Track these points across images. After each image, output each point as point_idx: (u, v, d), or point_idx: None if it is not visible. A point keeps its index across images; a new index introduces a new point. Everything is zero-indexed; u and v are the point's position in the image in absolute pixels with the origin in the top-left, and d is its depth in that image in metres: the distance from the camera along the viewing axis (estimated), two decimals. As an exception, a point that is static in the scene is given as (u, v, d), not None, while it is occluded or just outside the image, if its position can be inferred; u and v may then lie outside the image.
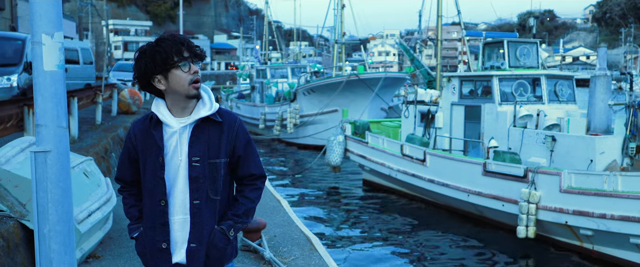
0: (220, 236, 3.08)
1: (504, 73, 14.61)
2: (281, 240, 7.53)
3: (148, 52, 3.02)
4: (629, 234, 10.41)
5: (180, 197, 3.07)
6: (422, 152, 15.44)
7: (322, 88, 27.94)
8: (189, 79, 3.01)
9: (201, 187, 3.05)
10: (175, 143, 3.07)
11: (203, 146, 3.05)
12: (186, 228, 3.07)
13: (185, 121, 3.07)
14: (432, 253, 12.29)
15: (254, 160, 3.21)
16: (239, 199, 3.18)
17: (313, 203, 16.83)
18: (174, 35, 3.07)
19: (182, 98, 3.05)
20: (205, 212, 3.06)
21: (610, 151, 12.07)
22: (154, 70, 3.01)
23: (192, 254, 3.05)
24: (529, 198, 11.92)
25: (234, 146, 3.13)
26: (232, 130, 3.13)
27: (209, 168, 3.05)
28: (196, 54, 3.05)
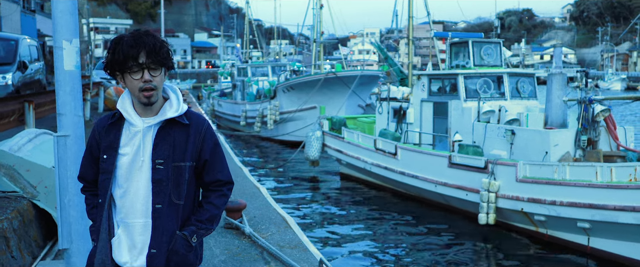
0: (182, 242, 2.99)
1: (468, 71, 15.63)
2: (260, 220, 8.48)
3: (112, 48, 2.92)
4: (576, 218, 11.46)
5: (141, 200, 2.96)
6: (393, 146, 16.44)
7: (301, 86, 28.86)
8: (139, 86, 2.89)
9: (164, 191, 2.94)
10: (138, 143, 2.97)
11: (168, 149, 2.96)
12: (147, 232, 2.97)
13: (150, 121, 2.97)
14: (400, 238, 13.29)
15: (221, 165, 3.12)
16: (203, 205, 3.09)
17: (292, 194, 17.78)
18: (138, 35, 2.92)
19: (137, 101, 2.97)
20: (166, 216, 2.96)
21: (564, 143, 13.10)
22: (113, 67, 2.93)
23: (152, 259, 2.95)
24: (489, 187, 12.94)
25: (201, 150, 3.04)
26: (199, 134, 3.03)
27: (172, 171, 2.96)
28: (156, 60, 2.91)
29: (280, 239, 7.52)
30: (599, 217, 11.01)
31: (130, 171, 2.96)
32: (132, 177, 2.96)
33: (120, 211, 2.99)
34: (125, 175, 2.96)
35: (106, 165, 2.97)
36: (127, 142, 2.97)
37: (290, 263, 6.44)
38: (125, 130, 2.99)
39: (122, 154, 2.97)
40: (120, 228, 3.00)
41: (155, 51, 2.89)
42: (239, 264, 6.55)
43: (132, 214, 2.97)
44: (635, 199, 10.35)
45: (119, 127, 3.00)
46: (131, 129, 2.98)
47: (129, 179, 2.96)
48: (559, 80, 13.90)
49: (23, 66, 14.98)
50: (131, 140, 2.97)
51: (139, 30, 3.00)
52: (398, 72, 19.91)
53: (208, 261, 6.65)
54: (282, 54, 65.45)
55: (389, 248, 12.60)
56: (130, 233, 2.98)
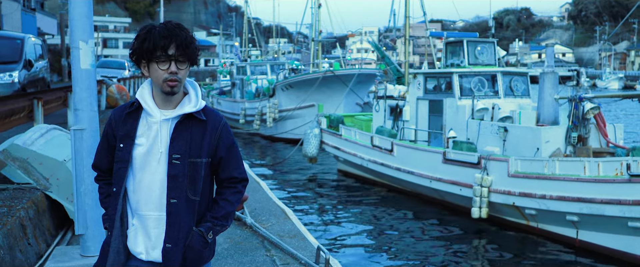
0: (198, 238, 3.01)
1: (463, 70, 16.04)
2: (260, 211, 8.88)
3: (141, 36, 2.94)
4: (565, 212, 11.88)
5: (156, 192, 2.98)
6: (389, 143, 16.84)
7: (299, 84, 29.24)
8: (164, 77, 2.91)
9: (180, 186, 2.96)
10: (154, 134, 2.98)
11: (185, 144, 2.97)
12: (162, 226, 2.98)
13: (168, 114, 2.99)
14: (396, 231, 13.69)
15: (236, 163, 3.14)
16: (219, 202, 3.11)
17: (290, 189, 18.18)
18: (170, 26, 2.96)
19: (159, 90, 2.98)
20: (183, 212, 2.97)
21: (555, 140, 13.51)
22: (140, 55, 2.95)
23: (168, 254, 2.96)
24: (481, 182, 13.35)
25: (217, 147, 3.06)
26: (216, 131, 3.05)
27: (189, 167, 2.97)
28: (185, 54, 2.94)
29: (280, 229, 7.92)
30: (587, 211, 11.42)
31: (146, 162, 2.97)
32: (148, 168, 2.97)
33: (134, 202, 3.01)
34: (140, 165, 2.98)
35: (122, 154, 2.99)
36: (144, 133, 2.99)
37: (289, 251, 6.84)
38: (142, 120, 3.01)
39: (138, 144, 2.98)
40: (135, 218, 3.02)
41: (185, 45, 2.92)
42: (241, 252, 6.96)
43: (146, 206, 2.98)
44: (621, 193, 10.76)
45: (136, 117, 3.01)
46: (149, 120, 2.99)
47: (144, 170, 2.97)
48: (551, 79, 14.29)
49: (29, 64, 15.35)
50: (148, 130, 2.99)
51: (171, 21, 3.02)
52: (395, 71, 20.30)
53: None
54: (281, 53, 65.81)
55: (384, 240, 13.01)
56: (144, 225, 3.00)
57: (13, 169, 7.31)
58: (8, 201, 6.49)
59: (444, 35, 18.65)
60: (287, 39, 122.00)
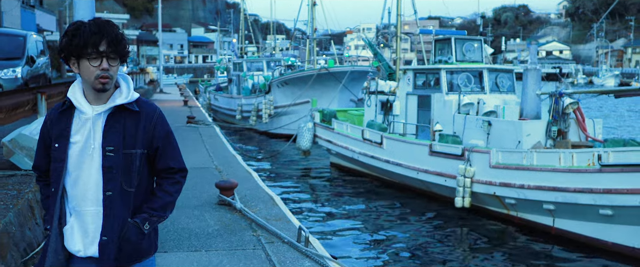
0: (134, 230, 3.01)
1: (450, 67, 16.65)
2: (250, 198, 9.49)
3: (71, 32, 2.91)
4: (542, 200, 12.49)
5: (93, 187, 2.97)
6: (379, 136, 17.46)
7: (295, 81, 29.83)
8: (96, 74, 2.90)
9: (114, 178, 2.95)
10: (88, 130, 2.97)
11: (118, 136, 2.97)
12: (99, 220, 2.98)
13: (99, 109, 2.98)
14: (382, 220, 14.30)
15: (172, 153, 3.15)
16: (157, 193, 3.12)
17: (283, 181, 18.80)
18: (100, 23, 2.95)
19: (90, 87, 2.97)
20: (118, 204, 2.97)
21: (535, 133, 14.11)
22: (70, 52, 2.93)
23: (104, 247, 2.96)
24: (465, 173, 13.96)
25: (152, 137, 3.06)
26: (150, 121, 3.06)
27: (123, 159, 2.97)
28: (116, 50, 2.94)
29: (267, 213, 8.53)
30: (562, 199, 12.04)
31: (81, 158, 2.97)
32: (83, 165, 2.97)
33: (72, 199, 3.00)
34: (76, 163, 2.97)
35: (58, 153, 2.98)
36: (78, 130, 2.98)
37: (274, 231, 7.46)
38: (75, 118, 3.00)
39: (73, 142, 2.97)
40: (72, 216, 3.01)
41: (116, 41, 2.92)
42: (230, 232, 7.57)
43: (84, 202, 2.97)
44: (592, 182, 11.37)
45: (69, 116, 3.00)
46: (81, 117, 2.99)
47: (80, 167, 2.97)
48: (534, 76, 14.88)
49: (31, 61, 15.92)
50: (81, 128, 2.98)
51: (100, 18, 3.02)
52: (386, 67, 20.91)
53: (203, 230, 7.66)
54: (279, 49, 66.34)
55: (369, 227, 13.61)
56: (82, 221, 2.99)
57: (21, 157, 7.93)
58: (17, 185, 7.10)
59: (433, 33, 19.25)
60: (285, 36, 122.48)
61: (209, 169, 12.30)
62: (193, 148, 15.38)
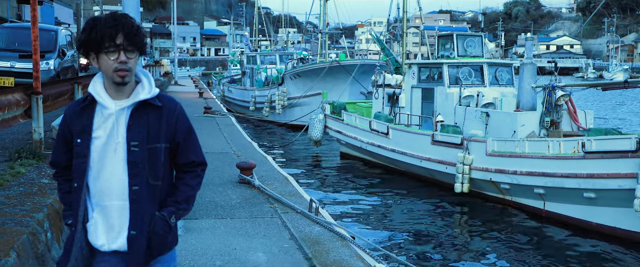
0: (161, 223, 3.05)
1: (452, 61, 17.75)
2: (266, 178, 10.67)
3: (88, 28, 2.92)
4: (533, 185, 13.60)
5: (117, 182, 2.98)
6: (385, 127, 18.60)
7: (307, 73, 31.00)
8: (114, 67, 2.89)
9: (140, 173, 2.97)
10: (111, 125, 2.97)
11: (142, 131, 2.98)
12: (125, 214, 2.99)
13: (123, 104, 2.98)
14: (387, 203, 15.45)
15: (194, 147, 3.18)
16: (179, 186, 3.16)
17: (295, 168, 19.98)
18: (118, 17, 2.95)
19: (111, 81, 2.96)
20: (145, 198, 2.99)
21: (530, 123, 15.21)
22: (88, 47, 2.93)
23: (133, 241, 2.98)
24: (463, 161, 15.07)
25: (175, 132, 3.08)
26: (172, 116, 3.07)
27: (148, 153, 2.99)
28: (133, 43, 2.94)
29: (282, 190, 9.71)
30: (551, 184, 13.14)
31: (104, 153, 2.97)
32: (106, 160, 2.97)
33: (95, 194, 3.01)
34: (99, 158, 2.98)
35: (80, 149, 2.99)
36: (100, 125, 2.98)
37: (288, 203, 8.64)
38: (97, 113, 2.99)
39: (95, 137, 2.97)
40: (95, 211, 3.02)
41: (133, 34, 2.92)
42: (250, 204, 8.76)
43: (108, 196, 2.98)
44: (577, 167, 12.47)
45: (91, 111, 2.99)
46: (103, 112, 2.98)
47: (103, 162, 2.98)
48: (530, 70, 15.95)
49: (62, 54, 17.18)
50: (104, 123, 2.97)
51: (117, 12, 3.04)
52: (393, 61, 22.03)
53: (227, 202, 8.85)
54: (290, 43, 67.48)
55: (375, 209, 14.77)
56: (106, 215, 3.00)
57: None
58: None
59: (436, 29, 20.31)
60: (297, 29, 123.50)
61: (229, 154, 13.51)
62: (212, 136, 16.58)
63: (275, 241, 7.12)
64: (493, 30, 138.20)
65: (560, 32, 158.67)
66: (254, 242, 7.06)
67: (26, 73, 15.80)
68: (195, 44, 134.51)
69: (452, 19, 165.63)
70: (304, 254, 6.66)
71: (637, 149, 11.43)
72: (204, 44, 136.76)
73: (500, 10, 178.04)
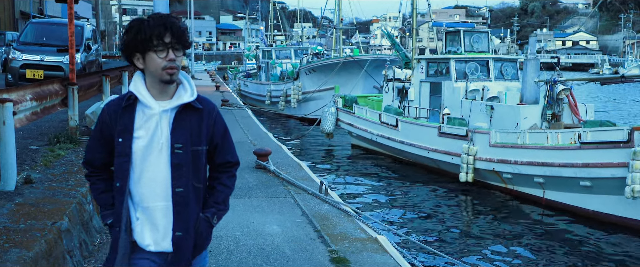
0: (205, 224, 3.11)
1: (459, 56, 18.51)
2: (281, 164, 11.53)
3: (134, 28, 2.94)
4: (533, 174, 14.36)
5: (160, 184, 3.00)
6: (395, 120, 19.40)
7: (321, 68, 31.81)
8: (163, 65, 2.91)
9: (184, 175, 3.00)
10: (154, 126, 2.98)
11: (186, 133, 3.00)
12: (169, 216, 3.01)
13: (166, 105, 2.99)
14: (395, 192, 16.26)
15: (229, 147, 3.22)
16: (216, 187, 3.19)
17: (308, 159, 20.81)
18: (164, 16, 2.98)
19: (157, 81, 2.97)
20: (190, 200, 3.03)
21: (532, 116, 15.95)
22: (134, 48, 2.95)
23: (179, 242, 3.02)
24: (468, 151, 15.84)
25: (213, 134, 3.12)
26: (211, 118, 3.10)
27: (191, 156, 3.02)
28: (180, 41, 2.95)
29: (295, 175, 10.57)
30: (549, 173, 13.90)
31: (146, 154, 2.99)
32: (148, 160, 2.99)
33: (137, 195, 3.03)
34: (141, 158, 2.99)
35: (122, 148, 2.99)
36: (142, 125, 2.99)
37: (301, 186, 9.49)
38: (139, 112, 3.00)
39: (137, 137, 2.98)
40: (139, 212, 3.05)
41: (180, 33, 2.95)
42: (266, 187, 9.63)
43: (151, 197, 3.01)
44: (573, 157, 13.22)
45: (132, 110, 3.00)
46: (146, 112, 2.99)
47: (145, 163, 2.99)
48: (533, 65, 16.66)
49: (88, 48, 18.12)
50: (146, 123, 2.99)
51: (160, 13, 3.07)
52: (403, 57, 22.80)
53: (245, 184, 9.71)
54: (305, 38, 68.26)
55: (383, 195, 15.57)
56: (151, 217, 3.03)
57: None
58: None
59: (443, 26, 21.08)
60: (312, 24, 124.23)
61: (246, 143, 14.38)
62: (230, 127, 17.01)
63: (288, 217, 7.98)
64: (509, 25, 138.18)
65: (576, 27, 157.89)
66: (269, 217, 7.92)
67: (54, 66, 16.83)
68: (211, 39, 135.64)
69: (467, 14, 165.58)
70: (314, 227, 7.51)
71: (629, 139, 12.16)
72: (219, 39, 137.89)
73: (516, 6, 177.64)
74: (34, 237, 4.79)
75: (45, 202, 5.94)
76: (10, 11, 40.44)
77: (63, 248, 5.27)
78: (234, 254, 6.47)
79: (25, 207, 5.69)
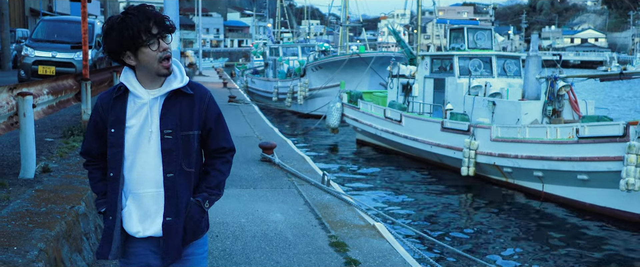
0: (196, 208, 3.11)
1: (462, 53, 18.85)
2: (285, 158, 11.93)
3: (116, 27, 2.90)
4: (532, 168, 14.70)
5: (151, 170, 3.04)
6: (399, 115, 19.77)
7: (328, 65, 32.18)
8: (158, 57, 2.94)
9: (174, 160, 3.02)
10: (145, 114, 3.02)
11: (175, 118, 3.02)
12: (160, 201, 3.05)
13: (156, 93, 3.02)
14: (398, 185, 16.63)
15: (224, 133, 3.22)
16: (210, 172, 3.19)
17: (313, 153, 21.22)
18: (140, 8, 2.95)
19: (152, 74, 2.99)
20: (180, 185, 3.05)
21: (532, 112, 16.28)
22: (123, 46, 2.93)
23: (169, 227, 3.04)
24: (470, 146, 16.19)
25: (205, 119, 3.12)
26: (203, 103, 3.10)
27: (182, 140, 3.03)
28: (165, 28, 2.94)
29: (299, 167, 10.98)
30: (548, 167, 14.24)
31: (138, 142, 3.03)
32: (140, 148, 3.03)
33: (129, 183, 3.07)
34: (133, 147, 3.04)
35: (115, 138, 3.03)
36: (133, 115, 3.03)
37: (304, 177, 9.88)
38: (130, 103, 3.03)
39: (129, 126, 3.02)
40: (129, 199, 3.09)
41: (162, 20, 2.94)
42: (271, 178, 10.04)
43: (142, 184, 3.05)
44: (571, 152, 13.56)
45: (123, 101, 3.03)
46: (136, 102, 3.02)
47: (137, 150, 3.03)
48: (535, 62, 16.99)
49: (98, 45, 18.55)
50: (137, 112, 3.02)
51: (132, 5, 3.02)
52: (408, 53, 23.15)
53: (251, 176, 10.11)
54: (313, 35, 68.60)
55: (385, 188, 15.94)
56: (140, 203, 3.07)
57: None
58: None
59: (447, 22, 21.42)
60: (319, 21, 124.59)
61: (252, 137, 14.79)
62: (237, 122, 17.88)
63: (291, 205, 8.38)
64: (517, 22, 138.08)
65: (585, 25, 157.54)
66: (273, 206, 8.33)
67: (65, 63, 17.29)
68: (219, 36, 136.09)
69: (476, 11, 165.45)
70: (315, 215, 7.91)
71: (624, 134, 12.50)
72: (227, 36, 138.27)
73: (524, 3, 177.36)
74: (55, 219, 5.19)
75: (62, 188, 6.35)
76: (20, 9, 40.98)
77: (80, 230, 5.68)
78: (240, 239, 6.87)
79: (45, 193, 6.11)
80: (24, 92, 6.91)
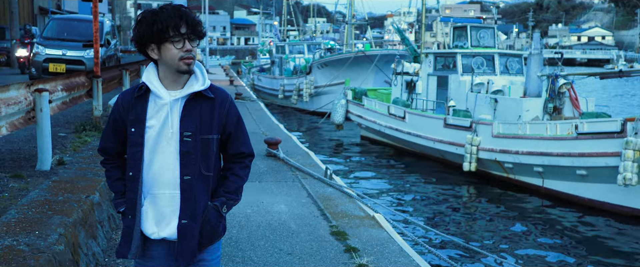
0: (214, 213, 3.09)
1: (465, 51, 19.14)
2: (290, 153, 12.27)
3: (148, 19, 2.94)
4: (532, 164, 14.99)
5: (169, 171, 3.02)
6: (402, 111, 20.08)
7: (333, 63, 32.50)
8: (180, 55, 2.94)
9: (193, 163, 3.01)
10: (165, 115, 3.00)
11: (195, 121, 3.01)
12: (175, 203, 3.03)
13: (177, 94, 3.01)
14: (402, 179, 16.94)
15: (244, 138, 3.22)
16: (229, 177, 3.17)
17: (318, 149, 21.55)
18: (176, 7, 2.98)
19: (172, 71, 2.99)
20: (197, 188, 3.03)
21: (534, 109, 16.57)
22: (149, 38, 2.96)
23: (184, 230, 3.03)
24: (472, 142, 16.48)
25: (225, 123, 3.11)
26: (224, 107, 3.10)
27: (201, 144, 3.02)
28: (195, 32, 2.98)
29: (303, 162, 11.31)
30: (548, 162, 14.52)
31: (157, 143, 3.02)
32: (159, 149, 3.02)
33: (146, 183, 3.06)
34: (152, 147, 3.03)
35: (135, 138, 3.03)
36: (154, 115, 3.02)
37: (308, 171, 10.22)
38: (151, 102, 3.03)
39: (149, 126, 3.02)
40: (147, 200, 3.08)
41: (195, 23, 2.97)
42: (276, 172, 10.37)
43: (158, 185, 3.04)
44: (571, 147, 13.84)
45: (144, 100, 3.03)
46: (157, 102, 3.02)
47: (155, 151, 3.03)
48: (537, 60, 17.26)
49: (107, 43, 18.93)
50: (157, 112, 3.01)
51: (171, 3, 3.10)
52: (412, 51, 23.45)
53: (256, 170, 10.45)
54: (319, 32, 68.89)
55: (389, 182, 16.27)
56: (156, 204, 3.06)
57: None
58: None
59: (451, 21, 21.71)
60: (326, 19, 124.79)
61: (258, 133, 15.13)
62: (243, 119, 18.10)
63: (295, 198, 8.72)
64: (524, 20, 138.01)
65: (592, 23, 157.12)
66: (277, 198, 8.67)
67: (76, 60, 17.67)
68: (225, 33, 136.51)
69: (482, 9, 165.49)
70: (318, 207, 8.25)
71: (622, 130, 12.78)
72: (233, 33, 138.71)
73: (531, 1, 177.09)
74: (72, 207, 5.54)
75: (77, 179, 6.71)
76: (29, 7, 41.44)
77: (95, 218, 6.03)
78: (245, 228, 7.22)
79: (61, 183, 6.46)
80: (40, 88, 7.26)
